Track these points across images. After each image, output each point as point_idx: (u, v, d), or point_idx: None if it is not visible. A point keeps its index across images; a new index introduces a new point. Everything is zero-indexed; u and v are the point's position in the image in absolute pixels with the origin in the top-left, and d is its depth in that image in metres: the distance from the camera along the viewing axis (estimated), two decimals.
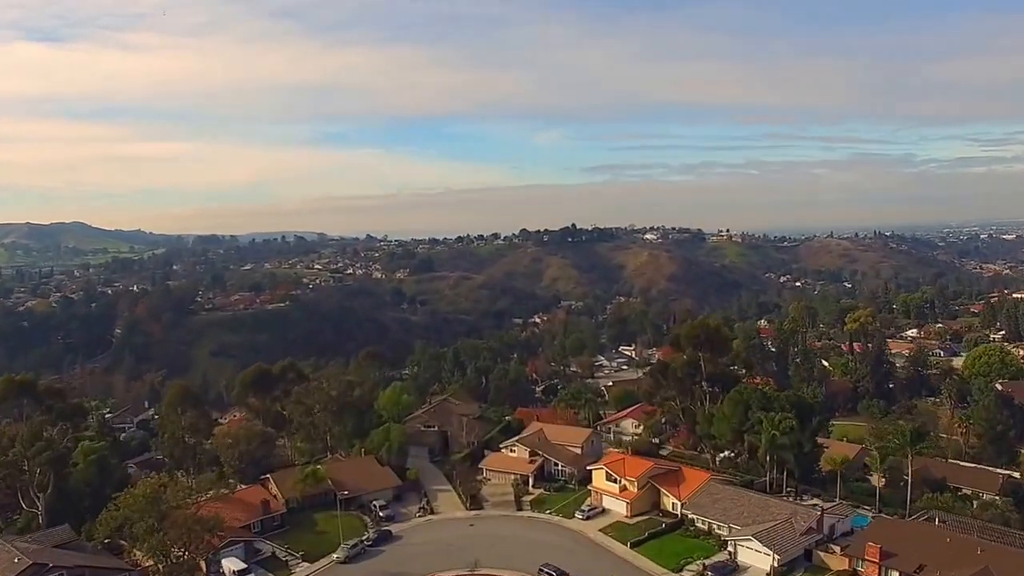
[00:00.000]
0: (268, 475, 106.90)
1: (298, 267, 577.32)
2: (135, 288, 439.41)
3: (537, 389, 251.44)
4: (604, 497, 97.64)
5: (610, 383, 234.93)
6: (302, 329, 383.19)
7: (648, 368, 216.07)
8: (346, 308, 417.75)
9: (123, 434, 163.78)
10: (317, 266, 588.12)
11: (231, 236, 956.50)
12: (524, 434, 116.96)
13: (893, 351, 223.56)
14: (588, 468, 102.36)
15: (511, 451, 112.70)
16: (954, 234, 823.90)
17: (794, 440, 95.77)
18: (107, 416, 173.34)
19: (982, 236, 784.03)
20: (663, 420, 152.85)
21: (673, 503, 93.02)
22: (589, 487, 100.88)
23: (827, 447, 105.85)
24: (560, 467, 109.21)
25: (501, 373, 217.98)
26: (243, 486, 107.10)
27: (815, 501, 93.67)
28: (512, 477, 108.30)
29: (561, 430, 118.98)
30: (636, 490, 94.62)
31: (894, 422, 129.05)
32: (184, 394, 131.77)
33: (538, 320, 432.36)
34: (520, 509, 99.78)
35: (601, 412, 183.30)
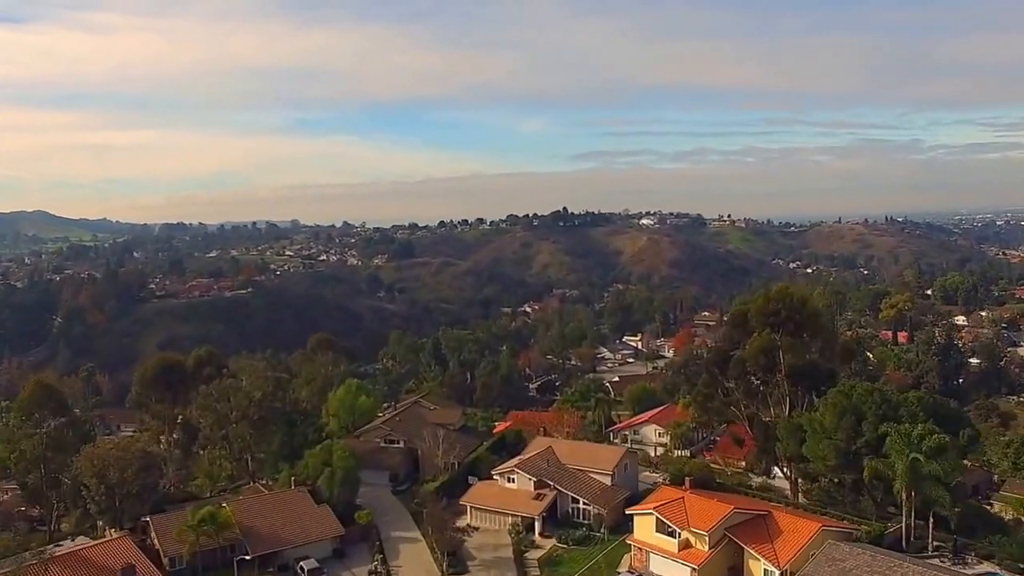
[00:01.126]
0: (148, 518, 73.69)
1: (267, 253, 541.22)
2: (83, 275, 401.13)
3: (531, 386, 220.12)
4: (653, 557, 64.61)
5: (616, 378, 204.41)
6: (264, 319, 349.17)
7: (696, 357, 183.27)
8: (314, 296, 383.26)
9: None
10: (288, 252, 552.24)
11: (200, 224, 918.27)
12: (527, 454, 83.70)
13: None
14: (628, 511, 69.10)
15: (508, 480, 79.48)
16: (966, 221, 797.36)
17: (947, 467, 63.21)
18: None
19: (998, 223, 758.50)
20: (692, 425, 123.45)
21: (767, 571, 60.06)
22: (628, 539, 67.83)
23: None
24: (581, 505, 76.10)
25: (490, 367, 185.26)
26: (114, 533, 74.35)
27: (987, 568, 61.24)
28: (510, 520, 75.22)
29: (580, 448, 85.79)
30: (706, 548, 61.62)
31: None
32: (44, 393, 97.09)
33: (528, 309, 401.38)
34: (523, 572, 66.75)
35: (615, 415, 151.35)
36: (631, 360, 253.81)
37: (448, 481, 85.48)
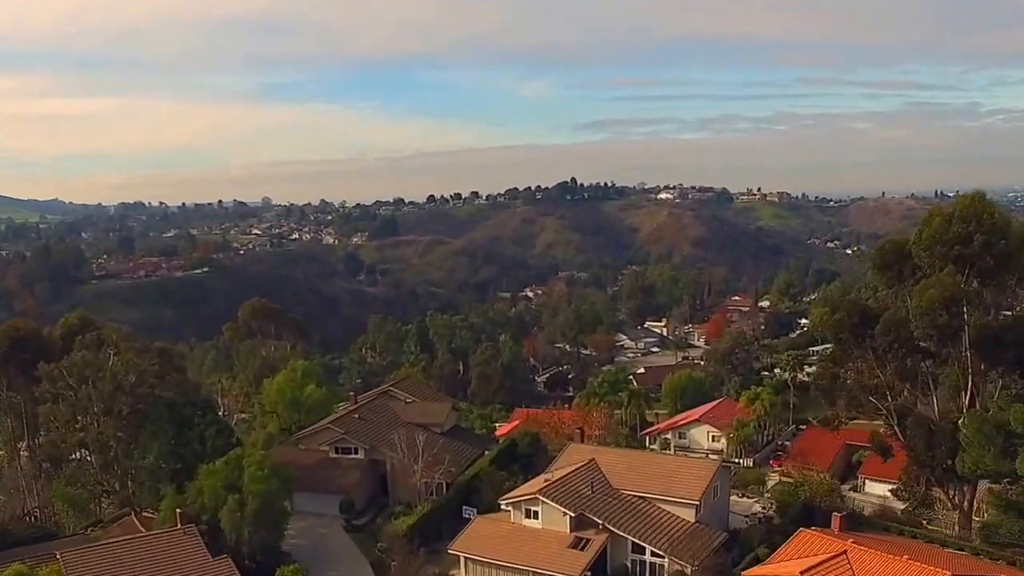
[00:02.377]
0: None
1: (232, 232, 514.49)
2: (5, 254, 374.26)
3: (538, 379, 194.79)
4: None
5: (641, 369, 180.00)
6: (221, 302, 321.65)
7: (745, 343, 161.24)
8: (282, 277, 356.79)
9: None
10: (256, 231, 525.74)
11: (160, 203, 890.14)
12: (556, 470, 57.71)
13: None
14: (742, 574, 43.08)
15: (528, 514, 53.56)
16: (1022, 198, 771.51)
17: None
18: None
19: None
20: (758, 426, 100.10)
21: None
22: None
23: None
24: (649, 557, 50.19)
25: (488, 353, 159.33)
26: None
27: None
28: None
29: (642, 463, 59.42)
30: None
31: None
32: None
33: (530, 294, 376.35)
34: None
35: (652, 415, 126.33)
36: (655, 349, 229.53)
37: (430, 513, 59.88)
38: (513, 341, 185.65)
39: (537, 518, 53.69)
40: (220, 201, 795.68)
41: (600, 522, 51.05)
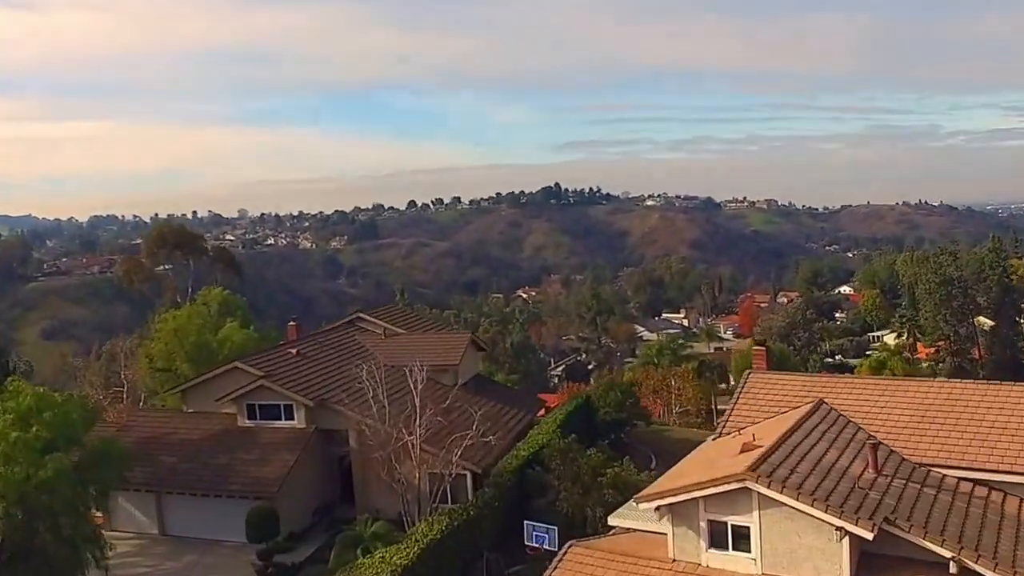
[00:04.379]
0: None
1: (205, 236, 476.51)
2: None
3: (551, 372, 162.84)
4: None
5: None
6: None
7: (809, 320, 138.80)
8: (253, 277, 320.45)
9: None
10: (229, 237, 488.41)
11: (134, 216, 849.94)
12: (736, 432, 23.61)
13: None
14: None
15: (713, 538, 19.54)
16: (1002, 209, 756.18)
17: None
18: None
19: None
20: None
21: None
22: None
23: None
24: None
25: (494, 330, 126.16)
26: None
27: None
28: None
29: (933, 397, 25.63)
30: None
31: None
32: None
33: (524, 295, 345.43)
34: None
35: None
36: (681, 341, 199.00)
37: (449, 539, 26.30)
38: (521, 326, 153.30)
39: (747, 547, 20.07)
40: (195, 212, 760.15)
41: (948, 553, 17.45)
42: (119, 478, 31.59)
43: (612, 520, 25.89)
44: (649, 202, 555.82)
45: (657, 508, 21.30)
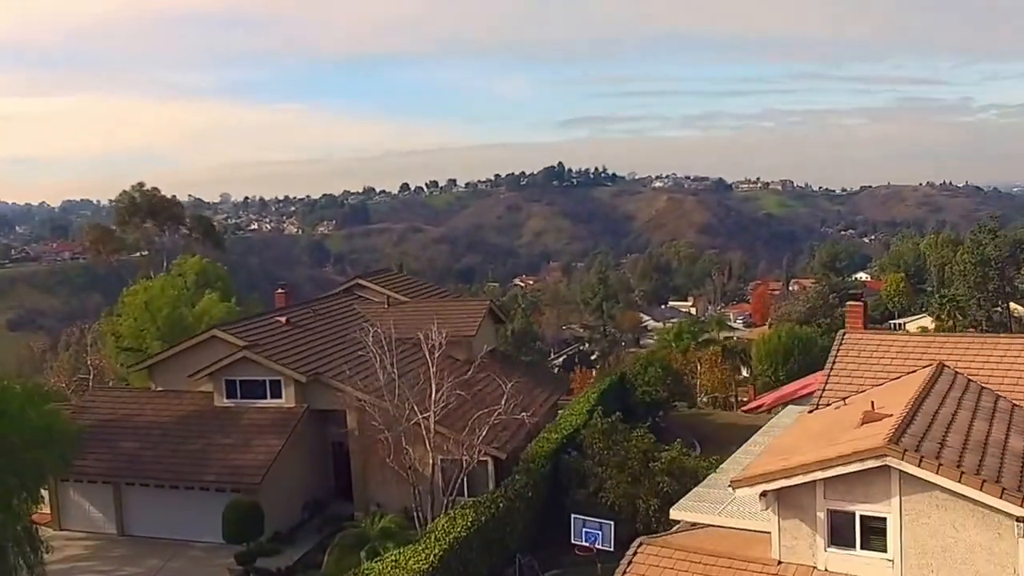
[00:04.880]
0: None
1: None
2: None
3: (552, 361, 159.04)
4: None
5: None
6: None
7: (832, 303, 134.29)
8: (234, 263, 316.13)
9: None
10: (212, 224, 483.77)
11: (110, 200, 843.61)
12: (842, 401, 19.03)
13: None
14: None
15: (834, 536, 15.21)
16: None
17: None
18: None
19: None
20: None
21: None
22: None
23: None
24: None
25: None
26: None
27: None
28: None
29: None
30: None
31: None
32: None
33: (521, 284, 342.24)
34: None
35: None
36: (698, 326, 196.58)
37: (476, 536, 22.23)
38: (524, 312, 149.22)
39: (882, 545, 15.64)
40: (174, 196, 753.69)
41: None
42: (62, 462, 27.17)
43: (675, 513, 21.76)
44: (657, 183, 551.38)
45: (763, 495, 16.95)
